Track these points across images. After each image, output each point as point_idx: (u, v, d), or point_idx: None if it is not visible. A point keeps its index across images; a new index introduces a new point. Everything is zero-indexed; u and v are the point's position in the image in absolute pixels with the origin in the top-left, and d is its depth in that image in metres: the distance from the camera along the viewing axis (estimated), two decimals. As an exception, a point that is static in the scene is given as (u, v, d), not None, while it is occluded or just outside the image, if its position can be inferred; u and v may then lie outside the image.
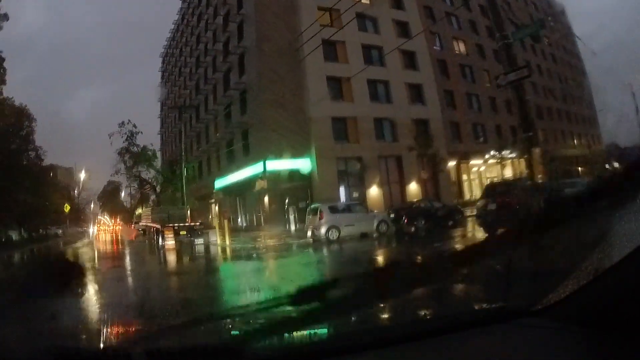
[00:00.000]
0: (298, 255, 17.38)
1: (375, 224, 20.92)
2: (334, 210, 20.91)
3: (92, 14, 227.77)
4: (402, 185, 35.19)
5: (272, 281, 11.39)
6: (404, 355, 1.64)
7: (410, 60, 38.81)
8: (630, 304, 1.41)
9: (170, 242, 22.75)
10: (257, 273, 13.33)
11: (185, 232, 25.33)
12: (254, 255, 18.32)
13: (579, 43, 63.30)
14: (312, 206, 22.61)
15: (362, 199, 29.91)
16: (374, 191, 33.07)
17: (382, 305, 2.34)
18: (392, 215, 23.06)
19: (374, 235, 20.67)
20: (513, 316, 1.82)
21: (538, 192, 17.04)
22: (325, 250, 18.27)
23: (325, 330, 1.99)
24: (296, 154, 31.31)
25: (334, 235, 19.81)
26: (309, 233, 20.89)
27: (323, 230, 19.86)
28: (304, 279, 10.05)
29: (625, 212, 1.60)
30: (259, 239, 24.17)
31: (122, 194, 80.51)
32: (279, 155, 31.27)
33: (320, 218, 20.21)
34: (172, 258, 19.84)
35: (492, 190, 21.66)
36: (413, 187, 35.22)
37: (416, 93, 38.47)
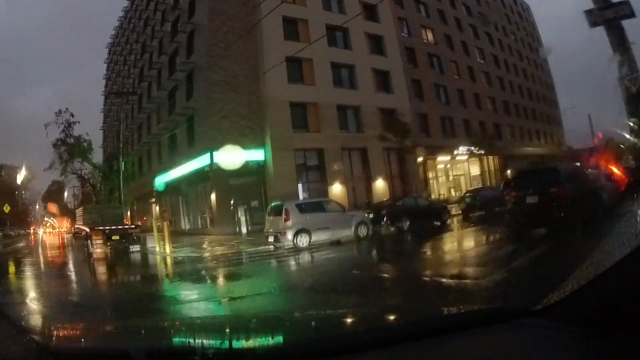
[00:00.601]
0: (258, 275, 11.96)
1: (353, 227, 17.94)
2: (303, 209, 17.28)
3: (41, 7, 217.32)
4: (368, 181, 32.80)
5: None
6: (404, 355, 1.63)
7: (377, 44, 36.84)
8: (630, 304, 1.41)
9: (98, 250, 18.29)
10: (206, 309, 7.86)
11: (118, 237, 21.95)
12: (201, 271, 13.67)
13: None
14: (274, 204, 18.42)
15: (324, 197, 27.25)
16: (336, 188, 30.06)
17: (382, 305, 3.04)
18: (370, 215, 20.25)
19: (353, 240, 17.60)
20: (513, 316, 1.83)
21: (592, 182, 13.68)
22: (294, 265, 13.88)
23: (325, 331, 2.24)
24: (249, 144, 27.80)
25: (303, 241, 16.29)
26: (270, 238, 16.94)
27: (290, 235, 16.16)
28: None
29: (625, 212, 1.35)
30: (205, 246, 20.66)
31: (66, 194, 75.66)
32: (228, 145, 27.31)
33: (286, 219, 16.46)
34: (86, 274, 15.42)
35: (528, 180, 15.02)
36: (380, 184, 32.93)
37: (383, 80, 36.31)
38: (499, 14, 62.02)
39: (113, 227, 22.44)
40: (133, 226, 23.68)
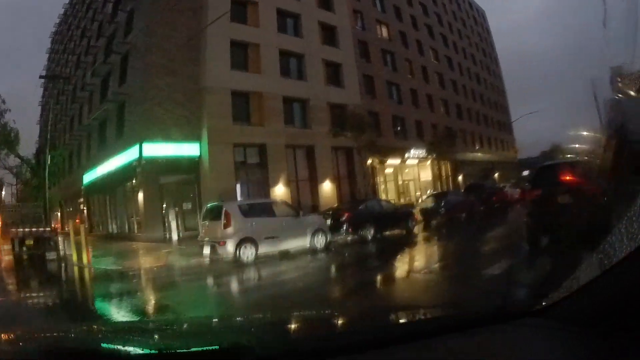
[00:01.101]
0: (189, 307, 8.85)
1: (309, 235, 15.45)
2: (247, 212, 14.46)
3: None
4: (314, 183, 30.69)
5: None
6: (404, 355, 1.64)
7: (330, 35, 35.23)
8: (631, 304, 1.42)
9: (7, 257, 15.91)
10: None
11: (32, 242, 18.36)
12: (111, 297, 10.62)
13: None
14: (211, 206, 15.49)
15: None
16: (279, 190, 27.52)
17: (382, 305, 3.06)
18: (329, 220, 17.93)
19: (309, 252, 15.10)
20: (513, 316, 1.87)
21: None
22: (237, 291, 11.00)
23: (325, 330, 2.31)
24: (183, 136, 25.16)
25: (248, 254, 13.50)
26: (206, 249, 13.97)
27: (231, 246, 13.28)
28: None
29: (625, 212, 1.55)
30: (130, 257, 17.92)
31: (4, 192, 70.03)
32: (160, 137, 24.56)
33: (226, 225, 13.58)
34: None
35: (555, 176, 11.52)
36: (327, 187, 30.96)
37: (334, 73, 34.68)
38: (454, 16, 62.18)
39: (27, 230, 18.60)
40: (48, 229, 20.01)
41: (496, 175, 56.84)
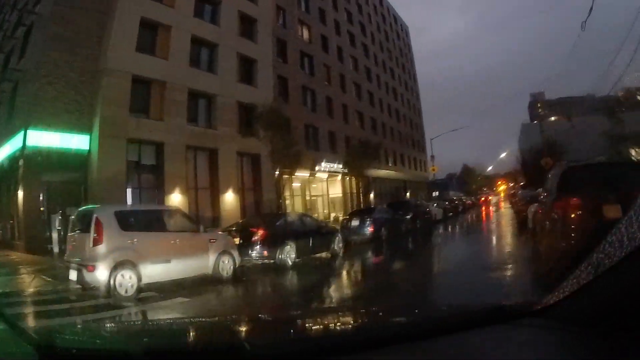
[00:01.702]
0: None
1: (212, 259, 12.42)
2: (127, 222, 10.92)
3: None
4: (216, 192, 28.21)
5: None
6: (404, 355, 1.67)
7: (249, 28, 33.42)
8: (631, 304, 1.44)
9: None
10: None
11: None
12: None
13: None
14: (80, 211, 11.84)
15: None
16: (176, 198, 24.75)
17: (382, 305, 3.14)
18: (238, 239, 14.58)
19: (212, 282, 12.08)
20: (513, 316, 1.90)
21: None
22: None
23: (324, 330, 2.31)
24: (73, 125, 21.88)
25: (126, 285, 10.17)
26: (72, 274, 10.47)
27: (101, 272, 9.94)
28: None
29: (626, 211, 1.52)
30: None
31: None
32: (48, 123, 21.18)
33: (96, 241, 10.21)
34: None
35: (600, 178, 8.39)
36: (230, 198, 28.65)
37: (248, 69, 32.78)
38: (378, 28, 62.43)
39: None
40: None
41: (408, 194, 57.66)
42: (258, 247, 14.44)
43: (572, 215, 7.45)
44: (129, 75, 23.64)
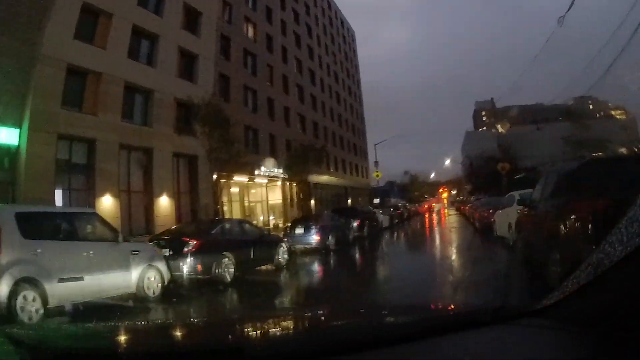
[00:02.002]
0: None
1: (135, 274, 10.55)
2: (30, 228, 8.77)
3: None
4: (150, 197, 26.69)
5: None
6: (404, 355, 1.68)
7: (193, 20, 32.32)
8: (630, 304, 1.45)
9: None
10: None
11: None
12: None
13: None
14: None
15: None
16: (107, 202, 23.14)
17: (382, 305, 3.09)
18: (166, 251, 12.32)
19: (136, 300, 10.42)
20: (513, 316, 1.93)
21: None
22: None
23: (324, 330, 2.32)
24: (3, 117, 20.04)
25: (29, 309, 8.05)
26: None
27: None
28: None
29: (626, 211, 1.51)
30: None
31: None
32: None
33: None
34: None
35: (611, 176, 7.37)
36: (165, 203, 27.28)
37: (189, 65, 31.70)
38: (324, 30, 62.40)
39: None
40: None
41: (349, 200, 57.80)
42: (191, 260, 12.24)
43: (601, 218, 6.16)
44: (64, 64, 22.07)
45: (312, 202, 46.63)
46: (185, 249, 12.35)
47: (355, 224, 24.87)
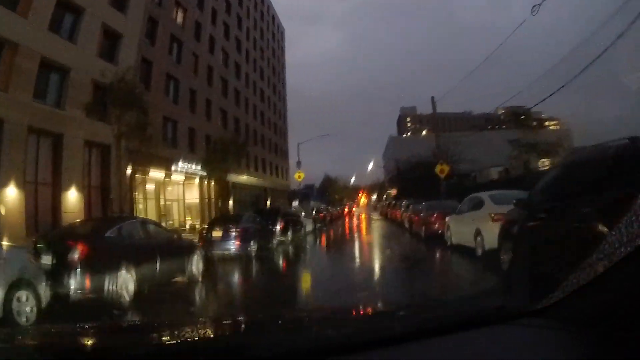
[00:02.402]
0: None
1: (0, 296, 7.38)
2: None
3: None
4: (57, 189, 24.47)
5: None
6: (404, 355, 1.69)
7: (120, -3, 30.58)
8: (630, 304, 1.47)
9: None
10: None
11: None
12: None
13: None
14: None
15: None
16: (10, 194, 20.90)
17: (382, 305, 3.13)
18: (47, 260, 9.28)
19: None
20: (513, 316, 1.95)
21: None
22: None
23: (324, 330, 2.29)
24: None
25: None
26: None
27: None
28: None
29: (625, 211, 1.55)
30: None
31: None
32: None
33: None
34: None
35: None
36: (73, 197, 25.10)
37: (111, 44, 29.88)
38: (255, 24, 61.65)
39: None
40: None
41: (268, 202, 57.41)
42: (76, 272, 9.13)
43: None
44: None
45: (231, 202, 45.80)
46: (70, 257, 9.21)
47: (278, 227, 23.22)
